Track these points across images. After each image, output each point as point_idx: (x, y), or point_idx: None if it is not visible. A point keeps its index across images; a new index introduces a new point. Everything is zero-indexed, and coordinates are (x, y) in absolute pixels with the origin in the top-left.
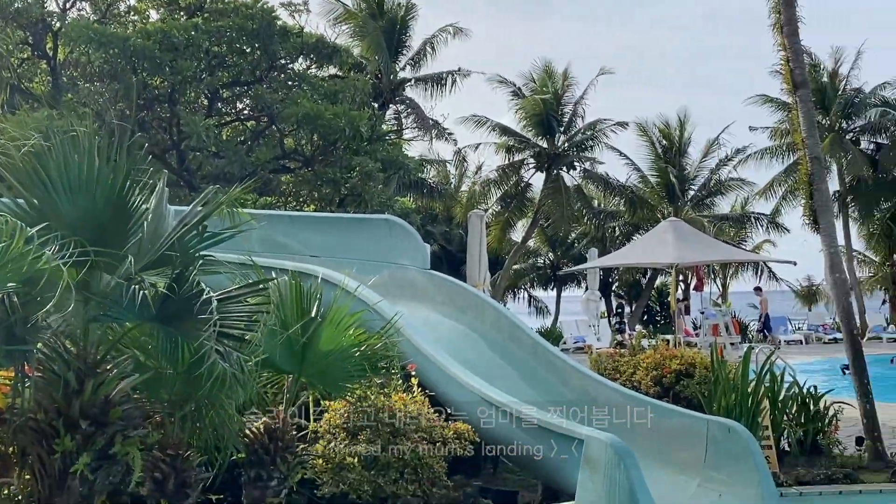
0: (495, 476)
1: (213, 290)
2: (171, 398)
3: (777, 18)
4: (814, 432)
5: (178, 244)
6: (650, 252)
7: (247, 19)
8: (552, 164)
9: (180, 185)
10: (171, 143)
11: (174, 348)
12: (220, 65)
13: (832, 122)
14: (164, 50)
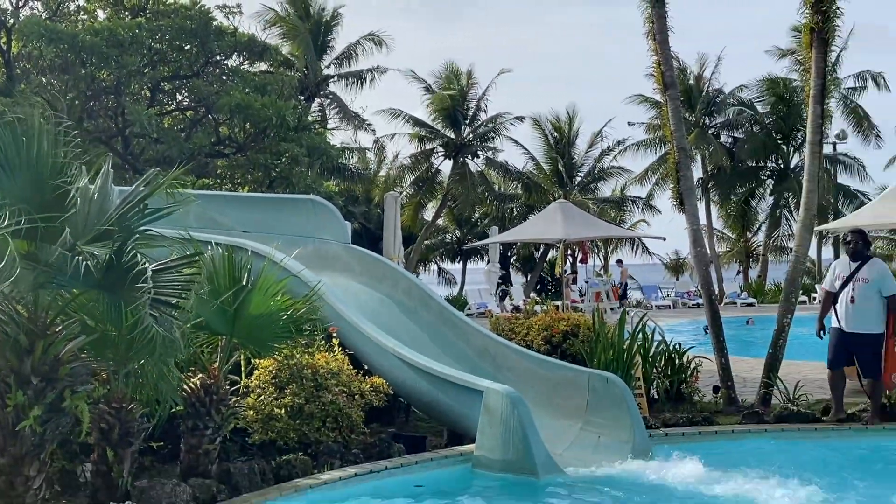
0: (407, 424)
1: (156, 262)
2: (115, 357)
3: (650, 28)
4: (678, 383)
5: (120, 220)
6: (542, 229)
7: (186, 19)
8: (459, 152)
9: (125, 169)
10: (116, 130)
11: (118, 313)
12: (161, 60)
13: (697, 118)
14: (111, 46)
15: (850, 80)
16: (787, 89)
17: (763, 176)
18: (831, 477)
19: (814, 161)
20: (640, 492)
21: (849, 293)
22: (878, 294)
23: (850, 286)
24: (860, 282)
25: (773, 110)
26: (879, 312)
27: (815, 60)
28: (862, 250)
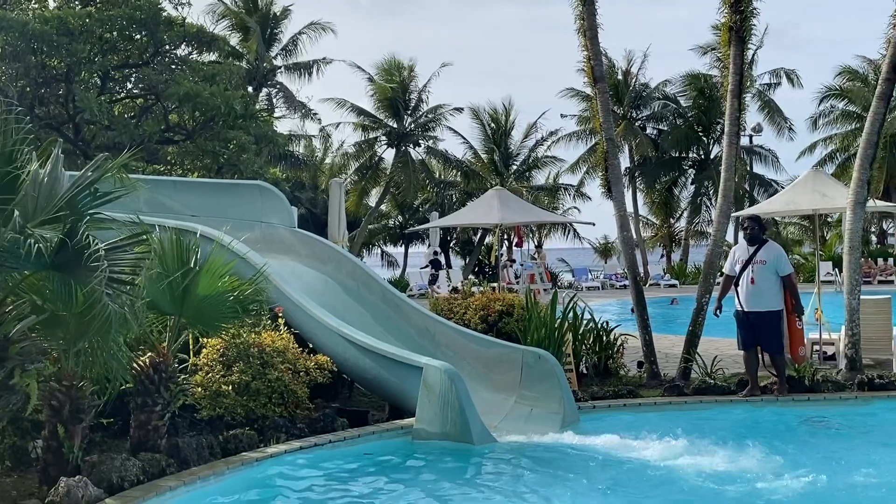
0: (350, 399)
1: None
2: (65, 336)
3: (581, 24)
4: (605, 358)
5: (70, 203)
6: (479, 215)
7: (135, 10)
8: (401, 141)
9: (76, 154)
10: (67, 116)
11: (68, 293)
12: (111, 49)
13: (625, 111)
14: (61, 34)
15: (766, 76)
16: (707, 84)
17: (685, 166)
18: (741, 443)
19: (731, 152)
20: (567, 458)
21: (748, 275)
22: (776, 274)
23: (750, 268)
24: (758, 264)
25: (695, 104)
26: (777, 291)
27: (733, 57)
28: (758, 235)
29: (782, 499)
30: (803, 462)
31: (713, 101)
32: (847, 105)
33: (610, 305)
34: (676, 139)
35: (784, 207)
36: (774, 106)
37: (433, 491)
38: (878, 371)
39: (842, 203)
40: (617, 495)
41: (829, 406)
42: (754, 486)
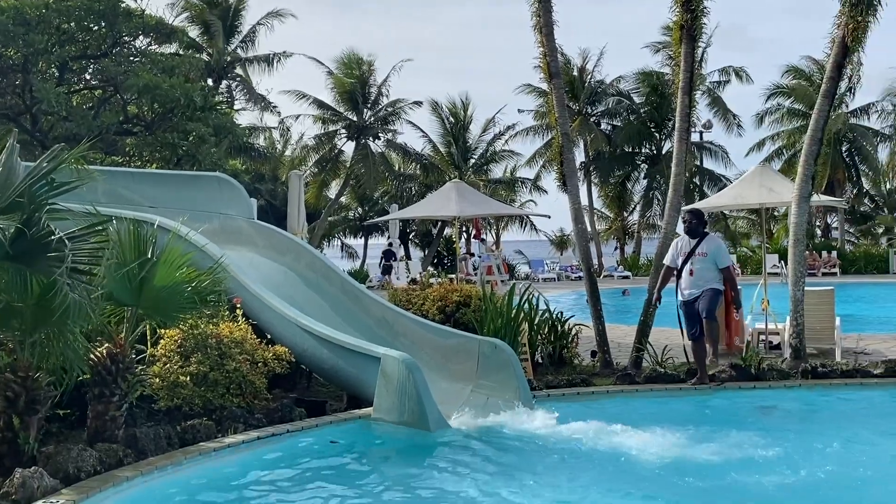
0: (309, 389)
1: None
2: (21, 327)
3: (537, 21)
4: (560, 348)
5: (26, 193)
6: (438, 207)
7: (93, 0)
8: (361, 134)
9: (34, 145)
10: (24, 107)
11: (23, 283)
12: (69, 40)
13: (580, 107)
14: (17, 24)
15: (715, 74)
16: (660, 82)
17: (638, 161)
18: (688, 428)
19: (681, 147)
20: (521, 445)
21: (689, 267)
22: (715, 266)
23: (691, 260)
24: (699, 256)
25: (648, 101)
26: (717, 282)
27: (684, 55)
28: (697, 228)
29: (730, 483)
30: (747, 446)
31: (665, 97)
32: (793, 103)
33: (565, 296)
34: (629, 135)
35: (732, 201)
36: (723, 103)
37: (389, 479)
38: (821, 360)
39: (787, 197)
40: (567, 480)
41: (775, 393)
42: (699, 469)
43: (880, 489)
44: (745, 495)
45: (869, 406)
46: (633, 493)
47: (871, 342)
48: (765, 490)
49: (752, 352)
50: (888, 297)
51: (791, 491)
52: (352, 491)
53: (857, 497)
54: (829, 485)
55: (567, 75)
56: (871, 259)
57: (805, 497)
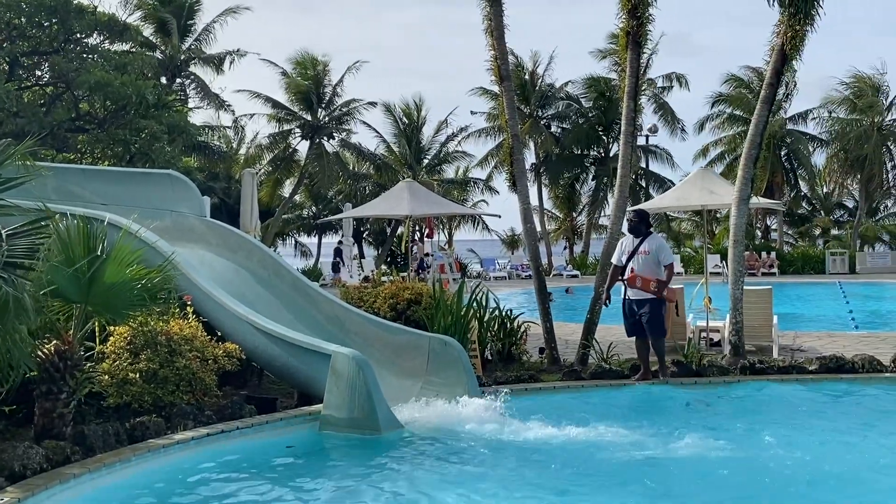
0: (260, 387)
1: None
2: None
3: (488, 24)
4: (509, 345)
5: None
6: (390, 206)
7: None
8: (315, 133)
9: None
10: None
11: None
12: (20, 35)
13: (531, 110)
14: None
15: (661, 80)
16: (607, 87)
17: (587, 163)
18: (629, 421)
19: (627, 150)
20: (468, 440)
21: (631, 265)
22: (658, 264)
23: (634, 259)
24: (642, 254)
25: (595, 105)
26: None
27: (630, 61)
28: (640, 227)
29: (668, 473)
30: (687, 438)
31: (612, 102)
32: (734, 110)
33: (516, 294)
34: (578, 137)
35: (675, 203)
36: (669, 108)
37: (335, 476)
38: (759, 356)
39: (728, 200)
40: (514, 476)
41: (714, 389)
42: (639, 461)
43: (804, 480)
44: (673, 487)
45: (801, 401)
46: (574, 490)
47: (807, 339)
48: (696, 481)
49: (694, 348)
50: (824, 297)
51: (722, 482)
52: (297, 487)
53: (783, 488)
54: (757, 475)
55: (518, 78)
56: (808, 260)
57: (739, 489)
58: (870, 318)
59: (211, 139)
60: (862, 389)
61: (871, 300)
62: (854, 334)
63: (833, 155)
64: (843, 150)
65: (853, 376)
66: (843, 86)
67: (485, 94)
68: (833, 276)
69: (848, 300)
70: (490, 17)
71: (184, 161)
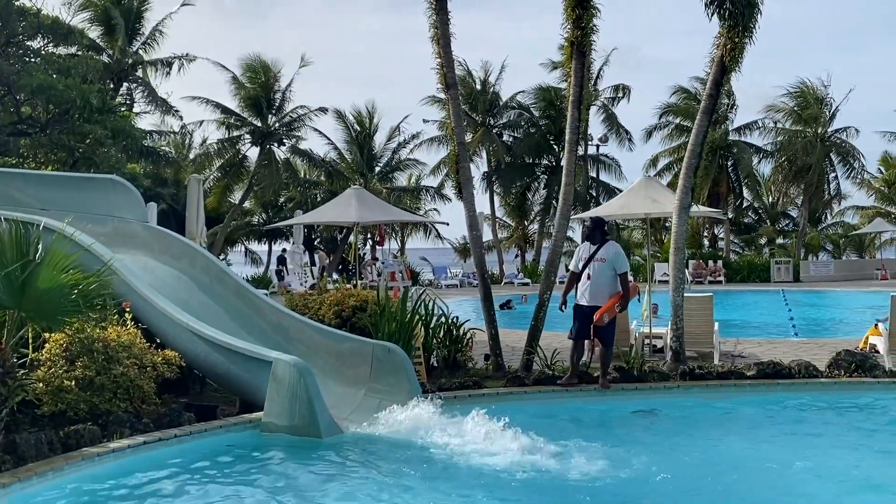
0: (202, 394)
1: None
2: None
3: (435, 33)
4: (455, 352)
5: None
6: (338, 213)
7: None
8: (265, 140)
9: None
10: None
11: None
12: None
13: (483, 118)
14: None
15: (609, 91)
16: (557, 96)
17: (538, 171)
18: (561, 427)
19: (571, 158)
20: (407, 447)
21: (587, 271)
22: (613, 271)
23: (591, 265)
24: (598, 261)
25: (546, 114)
26: (613, 288)
27: (575, 70)
28: (595, 234)
29: (606, 479)
30: (626, 445)
31: (562, 112)
32: (682, 121)
33: (467, 302)
34: (529, 146)
35: (619, 211)
36: (616, 119)
37: (272, 486)
38: (700, 362)
39: (670, 208)
40: (448, 484)
41: (654, 394)
42: (573, 469)
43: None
44: (606, 495)
45: (737, 405)
46: (510, 498)
47: (748, 346)
48: (626, 489)
49: (636, 354)
50: (768, 304)
51: (648, 490)
52: (233, 497)
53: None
54: (680, 479)
55: (470, 87)
56: (754, 268)
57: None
58: (810, 326)
59: (159, 144)
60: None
61: (813, 308)
62: (794, 341)
63: (778, 165)
64: (788, 161)
65: (790, 381)
66: (787, 96)
67: (437, 103)
68: (778, 284)
69: (790, 308)
70: (436, 25)
71: (130, 167)
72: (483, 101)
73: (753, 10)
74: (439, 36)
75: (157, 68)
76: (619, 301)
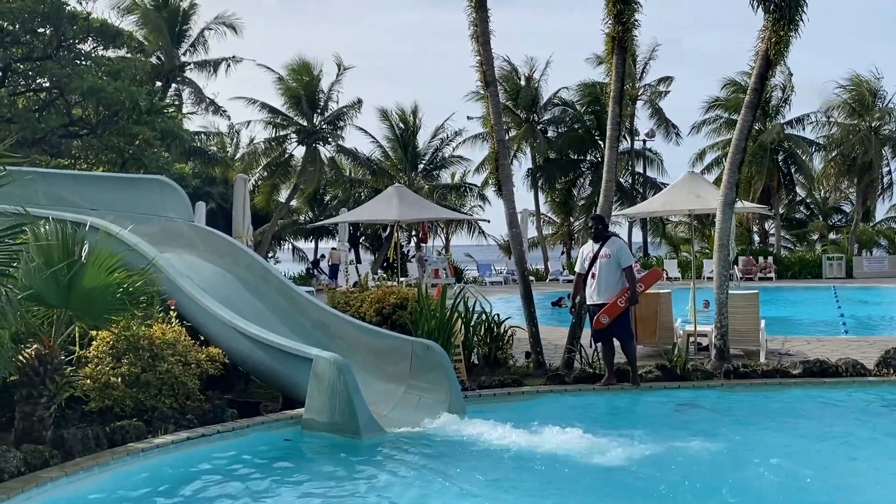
0: (246, 391)
1: None
2: None
3: (474, 30)
4: (496, 349)
5: None
6: (378, 211)
7: (38, 3)
8: (310, 139)
9: None
10: None
11: None
12: (13, 42)
13: (528, 115)
14: None
15: (655, 84)
16: (603, 92)
17: (583, 167)
18: (601, 425)
19: (612, 154)
20: (448, 445)
21: (593, 270)
22: (618, 266)
23: (597, 263)
24: (604, 258)
25: (590, 110)
26: (620, 284)
27: (616, 66)
28: (602, 232)
29: (649, 476)
30: (655, 443)
31: (606, 107)
32: (731, 115)
33: (513, 299)
34: (574, 142)
35: (662, 207)
36: (663, 113)
37: (311, 482)
38: (745, 360)
39: (714, 204)
40: (491, 483)
41: (697, 393)
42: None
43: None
44: (652, 492)
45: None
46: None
47: (796, 344)
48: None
49: (679, 353)
50: (818, 301)
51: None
52: (269, 493)
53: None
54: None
55: (514, 83)
56: (805, 264)
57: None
58: (861, 323)
59: (207, 144)
60: (845, 393)
61: (865, 305)
62: (843, 338)
63: (831, 159)
64: (841, 155)
65: (836, 380)
66: (841, 90)
67: (481, 100)
68: (829, 281)
69: (840, 305)
70: (476, 23)
71: (178, 167)
72: (526, 97)
73: (800, 2)
74: (479, 34)
75: (204, 69)
76: (624, 296)
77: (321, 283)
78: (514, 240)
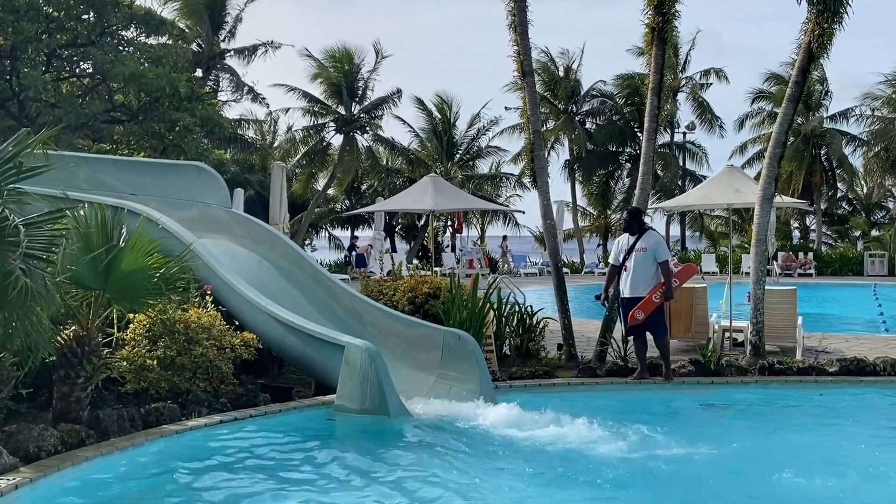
0: (280, 376)
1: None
2: None
3: (512, 20)
4: (527, 340)
5: None
6: (414, 200)
7: None
8: (348, 127)
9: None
10: (11, 92)
11: None
12: (58, 28)
13: (565, 106)
14: (6, 11)
15: (699, 76)
16: (643, 83)
17: (621, 160)
18: (631, 419)
19: (649, 147)
20: (477, 435)
21: (627, 263)
22: (654, 261)
23: (631, 257)
24: (639, 252)
25: (629, 102)
26: (654, 278)
27: (655, 57)
28: (633, 226)
29: (675, 471)
30: (695, 438)
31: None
32: (774, 108)
33: (548, 290)
34: (612, 134)
35: (699, 201)
36: (706, 105)
37: (339, 467)
38: (780, 357)
39: (752, 199)
40: (516, 471)
41: (730, 389)
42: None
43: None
44: (674, 486)
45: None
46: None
47: (834, 341)
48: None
49: (713, 348)
50: (858, 299)
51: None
52: (299, 476)
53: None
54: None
55: (551, 74)
56: (846, 261)
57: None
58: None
59: (246, 131)
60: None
61: None
62: (883, 337)
63: (874, 154)
64: (885, 150)
65: (874, 379)
66: (885, 83)
67: (519, 90)
68: (871, 278)
69: (881, 303)
70: (514, 13)
71: (217, 154)
72: (565, 88)
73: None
74: (516, 23)
75: (243, 56)
76: (658, 291)
77: (355, 270)
78: (549, 231)
